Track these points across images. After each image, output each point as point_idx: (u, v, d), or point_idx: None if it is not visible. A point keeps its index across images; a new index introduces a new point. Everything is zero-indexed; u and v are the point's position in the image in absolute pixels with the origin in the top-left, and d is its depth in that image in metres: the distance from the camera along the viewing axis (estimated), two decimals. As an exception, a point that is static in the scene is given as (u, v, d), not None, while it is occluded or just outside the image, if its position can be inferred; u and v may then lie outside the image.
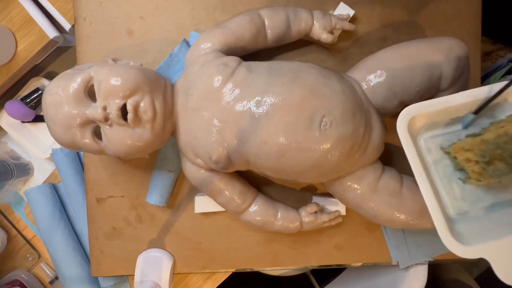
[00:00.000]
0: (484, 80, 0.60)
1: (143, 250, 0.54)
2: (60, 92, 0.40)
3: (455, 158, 0.41)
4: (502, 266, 0.37)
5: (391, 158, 0.51)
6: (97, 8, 0.53)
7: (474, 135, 0.40)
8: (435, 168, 0.42)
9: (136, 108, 0.39)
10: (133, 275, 0.54)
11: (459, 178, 0.42)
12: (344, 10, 0.51)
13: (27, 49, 0.59)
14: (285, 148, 0.40)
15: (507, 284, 0.37)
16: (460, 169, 0.42)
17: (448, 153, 0.41)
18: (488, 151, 0.37)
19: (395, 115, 0.47)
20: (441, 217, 0.38)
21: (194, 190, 0.54)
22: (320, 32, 0.47)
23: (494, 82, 0.59)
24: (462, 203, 0.42)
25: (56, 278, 0.66)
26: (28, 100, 0.63)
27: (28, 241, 0.67)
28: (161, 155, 0.52)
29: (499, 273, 0.37)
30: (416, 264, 0.54)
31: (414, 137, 0.41)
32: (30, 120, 0.64)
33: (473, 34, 0.52)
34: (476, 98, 0.39)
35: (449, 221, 0.40)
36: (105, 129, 0.40)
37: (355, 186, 0.45)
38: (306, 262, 0.54)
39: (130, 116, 0.39)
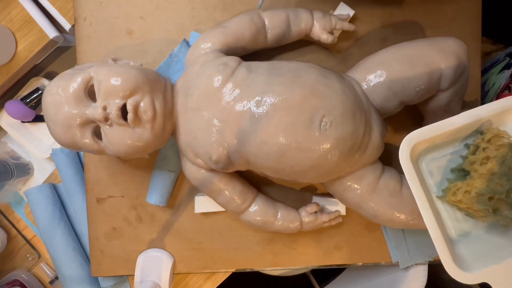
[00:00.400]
0: (482, 75, 0.60)
1: (143, 250, 0.54)
2: (60, 92, 0.40)
3: (457, 206, 0.41)
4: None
5: (391, 158, 0.51)
6: (97, 8, 0.53)
7: (459, 172, 0.40)
8: (437, 190, 0.42)
9: (136, 108, 0.39)
10: (133, 275, 0.54)
11: (465, 215, 0.42)
12: (344, 10, 0.51)
13: (27, 49, 0.59)
14: (285, 148, 0.40)
15: None
16: (465, 214, 0.41)
17: (447, 202, 0.41)
18: (486, 202, 0.37)
19: (395, 115, 0.47)
20: (444, 246, 0.38)
21: (194, 190, 0.54)
22: (320, 32, 0.47)
23: (493, 76, 0.59)
24: (464, 224, 0.42)
25: (56, 278, 0.66)
26: (28, 100, 0.63)
27: (28, 241, 0.67)
28: (161, 155, 0.52)
29: None
30: (416, 264, 0.54)
31: (415, 161, 0.41)
32: (30, 120, 0.64)
33: (473, 34, 0.52)
34: (479, 117, 0.39)
35: (451, 243, 0.41)
36: (105, 129, 0.40)
37: (355, 186, 0.45)
38: (306, 262, 0.54)
39: (130, 116, 0.39)
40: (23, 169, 0.65)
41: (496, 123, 0.40)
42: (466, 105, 0.53)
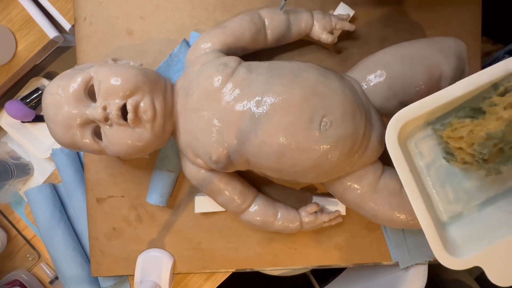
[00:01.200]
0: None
1: (143, 250, 0.54)
2: (60, 92, 0.40)
3: (446, 142, 0.39)
4: (495, 271, 0.37)
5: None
6: (97, 8, 0.53)
7: (473, 111, 0.36)
8: (428, 172, 0.41)
9: (136, 108, 0.39)
10: (133, 275, 0.54)
11: (443, 157, 0.40)
12: (344, 10, 0.51)
13: (27, 49, 0.59)
14: (285, 148, 0.40)
15: (500, 285, 0.37)
16: (447, 151, 0.40)
17: (440, 136, 0.39)
18: (490, 147, 0.34)
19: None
20: (435, 233, 0.37)
21: (194, 190, 0.54)
22: (320, 32, 0.47)
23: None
24: (456, 204, 0.41)
25: (56, 278, 0.66)
26: (28, 100, 0.63)
27: (28, 241, 0.67)
28: (161, 155, 0.52)
29: (492, 277, 0.37)
30: (416, 264, 0.54)
31: (404, 142, 0.39)
32: (30, 120, 0.64)
33: (473, 34, 0.52)
34: (476, 85, 0.36)
35: (442, 228, 0.40)
36: (105, 129, 0.40)
37: (355, 186, 0.45)
38: (306, 262, 0.54)
39: (130, 116, 0.39)
40: (23, 169, 0.65)
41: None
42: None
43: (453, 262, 0.37)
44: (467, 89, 0.37)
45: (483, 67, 0.61)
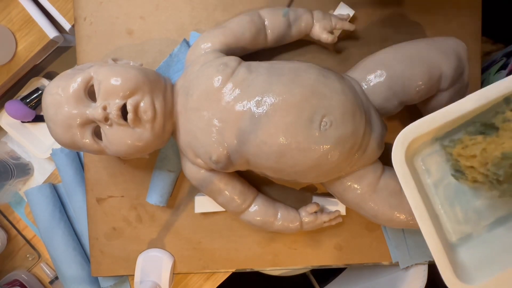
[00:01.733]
0: (481, 73, 0.60)
1: (143, 250, 0.54)
2: (60, 92, 0.40)
3: (455, 160, 0.37)
4: None
5: (391, 158, 0.51)
6: (97, 8, 0.53)
7: (485, 127, 0.34)
8: (436, 191, 0.39)
9: (136, 108, 0.39)
10: (133, 275, 0.54)
11: (452, 175, 0.38)
12: (344, 10, 0.51)
13: (27, 49, 0.59)
14: (285, 148, 0.40)
15: None
16: (457, 169, 0.38)
17: (449, 153, 0.38)
18: (505, 167, 0.32)
19: (395, 115, 0.47)
20: (444, 257, 0.35)
21: (194, 190, 0.54)
22: (320, 32, 0.47)
23: (490, 76, 0.59)
24: (465, 225, 0.39)
25: (56, 278, 0.66)
26: (28, 100, 0.63)
27: (28, 241, 0.67)
28: (161, 155, 0.52)
29: None
30: (416, 264, 0.54)
31: (410, 159, 0.37)
32: (30, 120, 0.64)
33: (473, 34, 0.52)
34: (487, 100, 0.35)
35: (451, 249, 0.38)
36: (105, 129, 0.40)
37: (355, 186, 0.45)
38: (306, 262, 0.54)
39: (130, 116, 0.39)
40: (23, 169, 0.65)
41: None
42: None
43: None
44: (479, 103, 0.35)
45: (483, 67, 0.61)
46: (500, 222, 0.39)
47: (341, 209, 0.51)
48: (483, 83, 0.59)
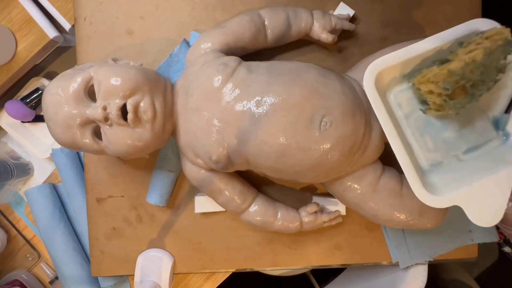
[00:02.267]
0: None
1: (143, 250, 0.54)
2: (60, 92, 0.40)
3: (418, 89, 0.41)
4: (474, 210, 0.39)
5: (391, 158, 0.51)
6: (97, 8, 0.53)
7: (441, 62, 0.39)
8: (407, 122, 0.43)
9: (136, 108, 0.39)
10: (133, 275, 0.54)
11: (420, 109, 0.42)
12: (344, 10, 0.51)
13: (27, 49, 0.59)
14: (285, 148, 0.40)
15: (480, 225, 0.39)
16: (422, 100, 0.42)
17: (412, 84, 0.42)
18: (452, 83, 0.37)
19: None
20: (413, 171, 0.39)
21: (194, 190, 0.54)
22: (320, 31, 0.47)
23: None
24: (435, 153, 0.43)
25: (56, 278, 0.66)
26: (28, 100, 0.63)
27: (28, 241, 0.67)
28: (161, 155, 0.52)
29: (472, 217, 0.39)
30: (416, 264, 0.54)
31: (383, 93, 0.41)
32: (30, 120, 0.64)
33: (473, 34, 0.52)
34: (443, 41, 0.40)
35: (423, 174, 0.41)
36: (105, 129, 0.40)
37: (355, 186, 0.45)
38: (306, 262, 0.54)
39: (130, 116, 0.39)
40: (23, 169, 0.65)
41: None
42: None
43: (432, 200, 0.39)
44: (436, 44, 0.40)
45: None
46: (468, 152, 0.43)
47: (341, 209, 0.51)
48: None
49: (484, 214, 0.39)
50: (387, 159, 0.47)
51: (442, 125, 0.43)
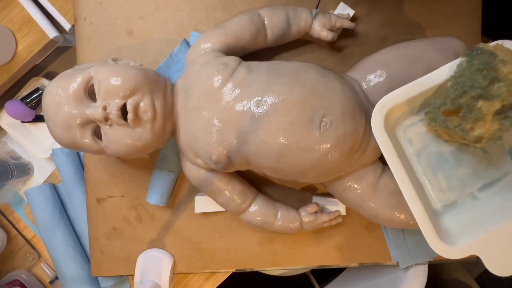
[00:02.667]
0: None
1: (143, 250, 0.54)
2: (60, 92, 0.40)
3: (440, 123, 0.38)
4: (492, 259, 0.37)
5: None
6: (97, 8, 0.53)
7: (481, 96, 0.35)
8: (418, 160, 0.40)
9: (136, 108, 0.39)
10: (133, 275, 0.54)
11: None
12: (344, 10, 0.51)
13: (27, 49, 0.59)
14: (285, 148, 0.40)
15: (498, 275, 0.37)
16: (438, 134, 0.40)
17: (431, 118, 0.38)
18: (467, 100, 0.35)
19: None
20: (427, 221, 0.37)
21: (194, 190, 0.54)
22: (319, 30, 0.47)
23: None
24: (449, 193, 0.40)
25: (56, 278, 0.66)
26: (28, 100, 0.63)
27: (28, 241, 0.67)
28: (161, 155, 0.52)
29: (489, 266, 0.37)
30: (416, 264, 0.54)
31: (391, 130, 0.39)
32: (30, 120, 0.64)
33: (473, 34, 0.52)
34: (455, 71, 0.37)
35: (436, 217, 0.39)
36: (105, 129, 0.40)
37: (355, 186, 0.45)
38: (306, 262, 0.54)
39: (130, 116, 0.39)
40: (23, 169, 0.65)
41: None
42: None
43: (447, 251, 0.37)
44: (448, 74, 0.37)
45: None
46: (484, 189, 0.40)
47: (341, 209, 0.51)
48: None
49: (503, 263, 0.36)
50: (387, 159, 0.47)
51: (456, 161, 0.40)
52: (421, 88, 0.37)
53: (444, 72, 0.37)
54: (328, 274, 0.81)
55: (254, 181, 0.51)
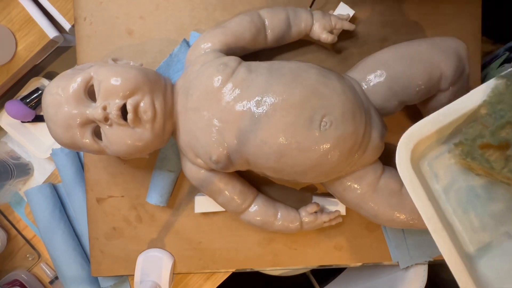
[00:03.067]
0: (482, 70, 0.60)
1: (143, 250, 0.54)
2: (60, 92, 0.40)
3: (477, 156, 0.33)
4: None
5: (391, 158, 0.51)
6: (97, 8, 0.53)
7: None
8: (446, 197, 0.36)
9: (136, 108, 0.39)
10: (133, 275, 0.54)
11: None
12: (344, 10, 0.51)
13: (27, 49, 0.59)
14: (285, 148, 0.40)
15: None
16: (469, 167, 0.35)
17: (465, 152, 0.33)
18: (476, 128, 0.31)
19: (395, 115, 0.47)
20: (465, 271, 0.32)
21: (194, 190, 0.54)
22: (320, 31, 0.47)
23: (492, 71, 0.59)
24: (483, 233, 0.35)
25: (56, 278, 0.66)
26: (28, 100, 0.63)
27: (28, 241, 0.67)
28: (161, 155, 0.52)
29: None
30: (416, 264, 0.54)
31: (416, 164, 0.34)
32: (30, 120, 0.64)
33: (473, 34, 0.52)
34: (485, 95, 0.33)
35: (470, 263, 0.35)
36: (105, 129, 0.40)
37: (355, 186, 0.45)
38: (306, 262, 0.54)
39: (130, 116, 0.39)
40: (23, 169, 0.65)
41: None
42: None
43: None
44: (480, 100, 0.33)
45: (483, 66, 0.61)
46: None
47: (341, 209, 0.51)
48: (485, 78, 0.59)
49: None
50: (387, 159, 0.47)
51: (488, 195, 0.35)
52: (453, 115, 0.33)
53: (478, 96, 0.33)
54: (328, 274, 0.81)
55: (254, 181, 0.51)
